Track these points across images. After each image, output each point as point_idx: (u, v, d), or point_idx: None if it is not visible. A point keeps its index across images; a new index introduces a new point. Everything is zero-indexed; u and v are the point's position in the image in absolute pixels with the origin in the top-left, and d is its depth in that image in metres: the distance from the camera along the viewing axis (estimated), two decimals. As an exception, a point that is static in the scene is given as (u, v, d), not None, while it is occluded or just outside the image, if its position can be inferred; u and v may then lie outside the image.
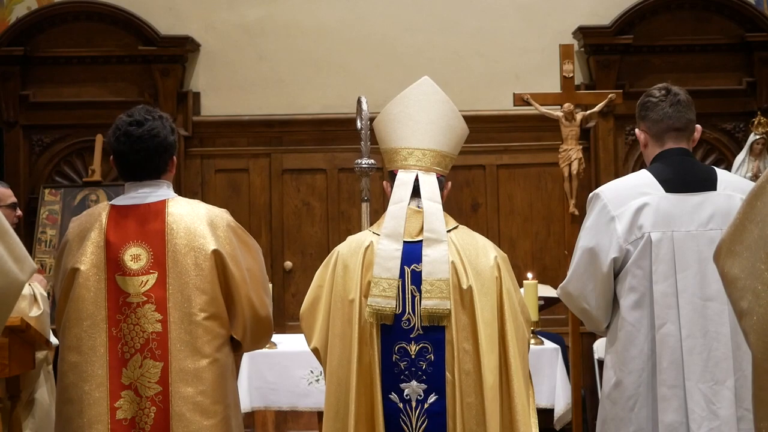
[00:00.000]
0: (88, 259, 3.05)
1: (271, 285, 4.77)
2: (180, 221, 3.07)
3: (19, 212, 4.53)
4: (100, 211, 3.13)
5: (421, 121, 3.02)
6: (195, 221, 3.08)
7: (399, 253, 2.89)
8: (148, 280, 3.03)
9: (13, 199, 4.49)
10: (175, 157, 3.21)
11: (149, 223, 3.07)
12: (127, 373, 3.00)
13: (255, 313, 3.16)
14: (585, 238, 3.27)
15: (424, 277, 2.87)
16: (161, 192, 3.14)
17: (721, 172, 3.29)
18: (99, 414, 2.97)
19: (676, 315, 3.13)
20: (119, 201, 3.16)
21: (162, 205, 3.10)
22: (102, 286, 3.03)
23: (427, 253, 2.89)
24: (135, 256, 3.05)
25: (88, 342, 3.01)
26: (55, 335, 3.49)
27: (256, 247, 3.25)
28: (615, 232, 3.20)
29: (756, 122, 6.15)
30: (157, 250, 3.04)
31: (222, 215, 3.15)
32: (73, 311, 3.04)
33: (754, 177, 5.83)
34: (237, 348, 3.20)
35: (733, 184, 3.22)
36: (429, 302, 2.85)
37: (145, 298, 3.02)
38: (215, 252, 3.05)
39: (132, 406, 2.99)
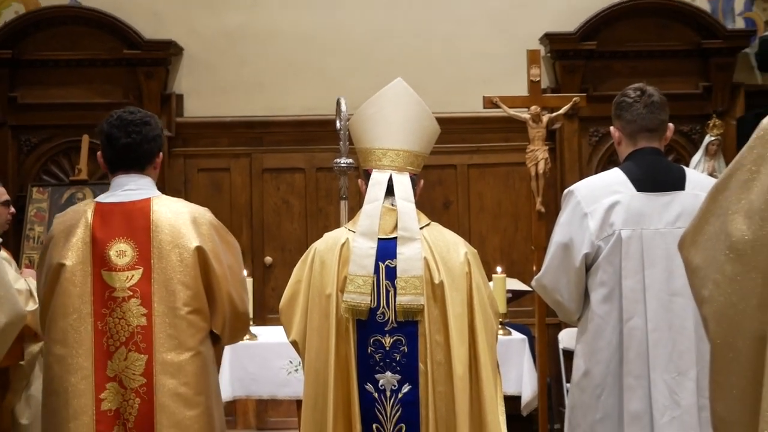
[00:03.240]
0: (74, 254, 2.99)
1: (251, 279, 4.73)
2: (164, 218, 3.02)
3: (12, 209, 4.45)
4: (85, 208, 3.07)
5: (394, 122, 2.96)
6: (179, 219, 3.03)
7: (374, 251, 2.85)
8: (133, 276, 2.97)
9: (6, 197, 4.42)
10: (161, 155, 3.17)
11: (135, 220, 3.01)
12: (112, 366, 2.94)
13: (234, 308, 3.13)
14: (559, 234, 3.25)
15: (398, 274, 2.83)
16: (146, 190, 3.09)
17: (690, 172, 3.27)
18: (84, 405, 2.91)
19: (643, 309, 3.12)
20: (104, 198, 3.10)
21: (147, 203, 3.05)
22: (88, 281, 2.97)
23: (402, 251, 2.85)
24: (120, 251, 2.99)
25: (74, 335, 2.94)
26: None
27: (236, 246, 3.22)
28: (587, 228, 3.17)
29: (711, 124, 6.19)
30: (142, 247, 2.99)
31: (204, 214, 3.11)
32: (60, 305, 2.98)
33: (710, 176, 5.84)
34: (215, 341, 3.16)
35: (701, 184, 3.19)
36: (404, 298, 2.82)
37: (131, 293, 2.96)
38: (198, 249, 3.01)
39: (117, 398, 2.93)
